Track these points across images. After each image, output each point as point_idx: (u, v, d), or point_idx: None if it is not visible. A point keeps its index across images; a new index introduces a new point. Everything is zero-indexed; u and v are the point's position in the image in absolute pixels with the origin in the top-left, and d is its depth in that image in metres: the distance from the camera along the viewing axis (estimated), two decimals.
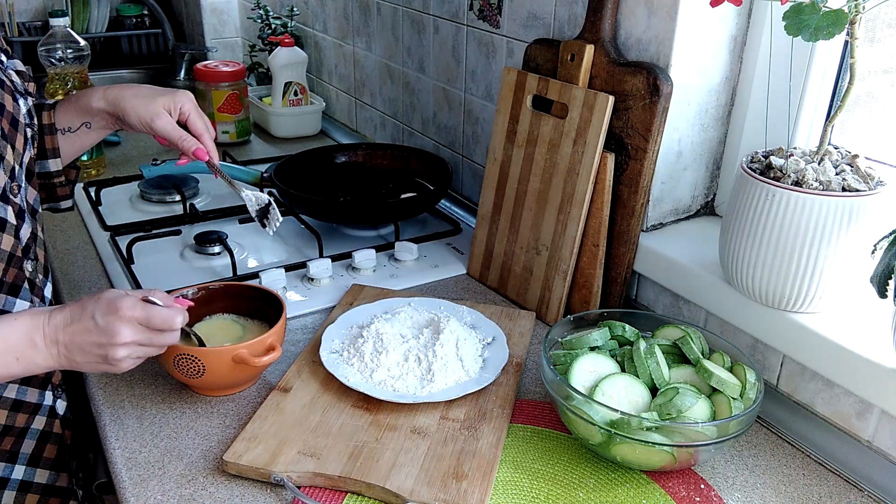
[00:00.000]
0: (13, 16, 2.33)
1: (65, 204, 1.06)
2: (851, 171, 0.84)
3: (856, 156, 0.86)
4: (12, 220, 0.86)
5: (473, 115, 1.44)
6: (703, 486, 0.82)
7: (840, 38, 0.83)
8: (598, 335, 0.91)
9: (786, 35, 0.78)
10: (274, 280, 1.15)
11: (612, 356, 0.90)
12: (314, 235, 1.28)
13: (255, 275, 1.18)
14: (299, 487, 0.81)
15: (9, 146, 0.86)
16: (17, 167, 0.88)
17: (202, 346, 0.92)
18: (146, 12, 2.57)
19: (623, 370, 0.88)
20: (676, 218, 1.11)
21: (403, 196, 1.45)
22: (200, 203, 1.50)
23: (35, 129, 0.95)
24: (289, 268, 1.21)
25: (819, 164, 0.85)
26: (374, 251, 1.25)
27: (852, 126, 0.97)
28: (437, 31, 1.49)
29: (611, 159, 1.03)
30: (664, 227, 1.10)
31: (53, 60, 1.57)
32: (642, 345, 0.87)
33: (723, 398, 0.83)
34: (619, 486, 0.82)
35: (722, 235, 0.92)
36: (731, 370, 0.87)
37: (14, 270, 0.87)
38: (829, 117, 0.88)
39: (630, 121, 1.01)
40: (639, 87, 0.99)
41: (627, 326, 0.94)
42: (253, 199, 1.02)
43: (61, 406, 0.97)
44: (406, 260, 1.27)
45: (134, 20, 2.56)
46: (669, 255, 1.02)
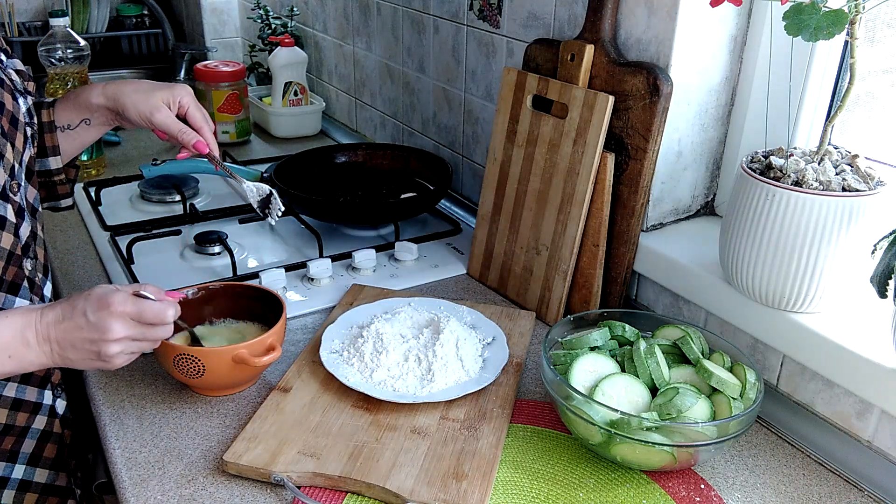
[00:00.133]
0: (13, 16, 2.33)
1: (65, 202, 1.06)
2: (851, 171, 0.84)
3: (856, 156, 0.86)
4: (12, 218, 0.86)
5: (473, 115, 1.44)
6: (703, 486, 0.82)
7: (840, 38, 0.83)
8: (598, 335, 0.91)
9: (786, 35, 0.78)
10: (274, 280, 1.15)
11: (612, 356, 0.90)
12: (314, 235, 1.28)
13: (255, 275, 1.18)
14: (299, 487, 0.81)
15: (9, 144, 0.86)
16: (16, 165, 0.88)
17: (199, 346, 0.92)
18: (146, 12, 2.57)
19: (623, 370, 0.88)
20: (676, 218, 1.11)
21: (403, 196, 1.45)
22: (200, 203, 1.50)
23: (35, 127, 0.95)
24: (289, 268, 1.21)
25: (819, 164, 0.85)
26: (374, 251, 1.25)
27: (852, 126, 0.97)
28: (437, 31, 1.49)
29: (611, 159, 1.03)
30: (664, 227, 1.10)
31: (53, 60, 1.57)
32: (642, 345, 0.87)
33: (723, 398, 0.83)
34: (619, 486, 0.82)
35: (722, 235, 0.92)
36: (731, 370, 0.87)
37: (14, 269, 0.87)
38: (829, 117, 0.88)
39: (630, 121, 1.01)
40: (639, 87, 0.99)
41: (627, 326, 0.94)
42: (254, 189, 1.02)
43: (61, 405, 0.97)
44: (406, 260, 1.27)
45: (134, 20, 2.56)
46: (669, 255, 1.02)
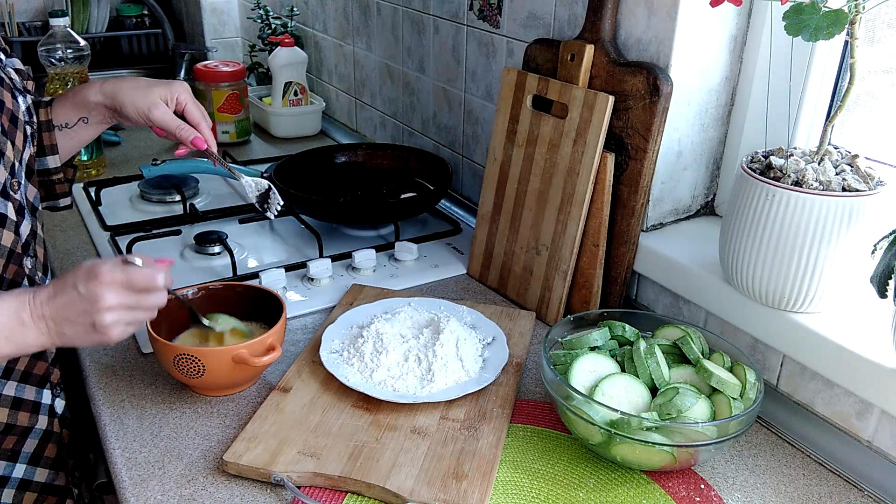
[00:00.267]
0: (13, 16, 2.33)
1: (63, 202, 1.06)
2: (851, 171, 0.84)
3: (856, 156, 0.86)
4: (12, 216, 0.86)
5: (473, 115, 1.44)
6: (703, 486, 0.82)
7: (840, 38, 0.83)
8: (598, 335, 0.91)
9: (786, 35, 0.78)
10: (274, 280, 1.15)
11: (612, 356, 0.90)
12: (314, 235, 1.28)
13: (255, 275, 1.18)
14: (299, 487, 0.81)
15: (9, 142, 0.86)
16: (16, 164, 0.88)
17: (205, 326, 0.94)
18: (146, 12, 2.57)
19: (623, 370, 0.88)
20: (676, 218, 1.11)
21: (403, 196, 1.45)
22: (200, 203, 1.50)
23: (34, 126, 0.95)
24: (289, 268, 1.21)
25: (819, 164, 0.85)
26: (374, 251, 1.25)
27: (852, 126, 0.97)
28: (437, 31, 1.49)
29: (611, 159, 1.03)
30: (664, 227, 1.10)
31: (53, 60, 1.57)
32: (642, 345, 0.87)
33: (723, 398, 0.83)
34: (619, 486, 0.82)
35: (722, 235, 0.92)
36: (731, 370, 0.87)
37: (14, 267, 0.87)
38: (829, 117, 0.88)
39: (630, 121, 1.01)
40: (639, 87, 0.99)
41: (627, 326, 0.94)
42: (253, 185, 1.03)
43: (60, 405, 0.97)
44: (406, 260, 1.27)
45: (134, 20, 2.56)
46: (669, 255, 1.02)
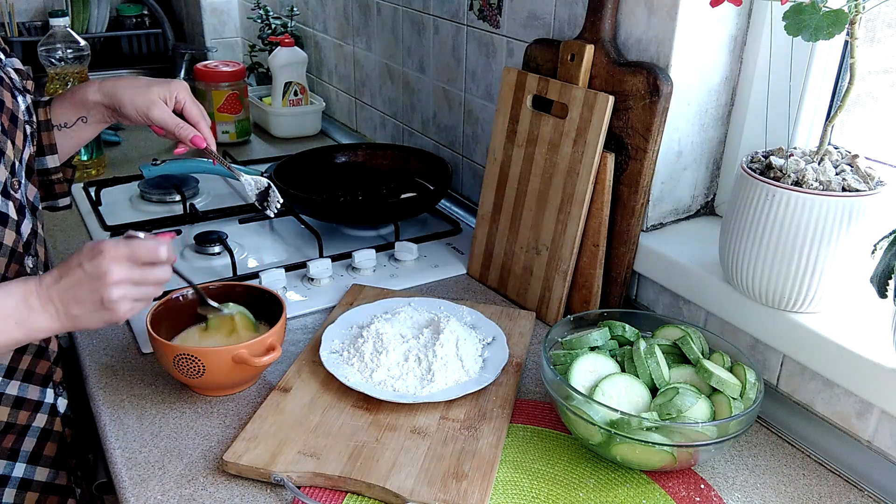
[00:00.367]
0: (13, 16, 2.33)
1: (62, 202, 1.06)
2: (851, 171, 0.84)
3: (856, 156, 0.86)
4: (14, 215, 0.86)
5: (473, 115, 1.44)
6: (703, 486, 0.82)
7: (840, 38, 0.83)
8: (598, 335, 0.91)
9: (786, 35, 0.78)
10: (274, 280, 1.15)
11: (612, 356, 0.90)
12: (314, 235, 1.28)
13: (255, 275, 1.18)
14: (299, 487, 0.81)
15: (9, 141, 0.86)
16: (16, 163, 0.88)
17: (214, 308, 0.96)
18: (146, 12, 2.57)
19: (623, 370, 0.88)
20: (676, 218, 1.11)
21: (403, 196, 1.45)
22: (200, 203, 1.50)
23: (34, 126, 0.95)
24: (289, 268, 1.21)
25: (819, 164, 0.85)
26: (374, 251, 1.25)
27: (852, 126, 0.97)
28: (437, 31, 1.49)
29: (611, 159, 1.03)
30: (664, 227, 1.10)
31: (53, 60, 1.57)
32: (642, 345, 0.87)
33: (723, 398, 0.83)
34: (619, 486, 0.82)
35: (722, 235, 0.92)
36: (731, 370, 0.87)
37: (15, 266, 0.87)
38: (829, 117, 0.88)
39: (630, 121, 1.01)
40: (639, 87, 0.99)
41: (627, 326, 0.94)
42: (252, 183, 1.03)
43: (62, 404, 0.97)
44: (406, 260, 1.27)
45: (134, 20, 2.56)
46: (669, 255, 1.02)
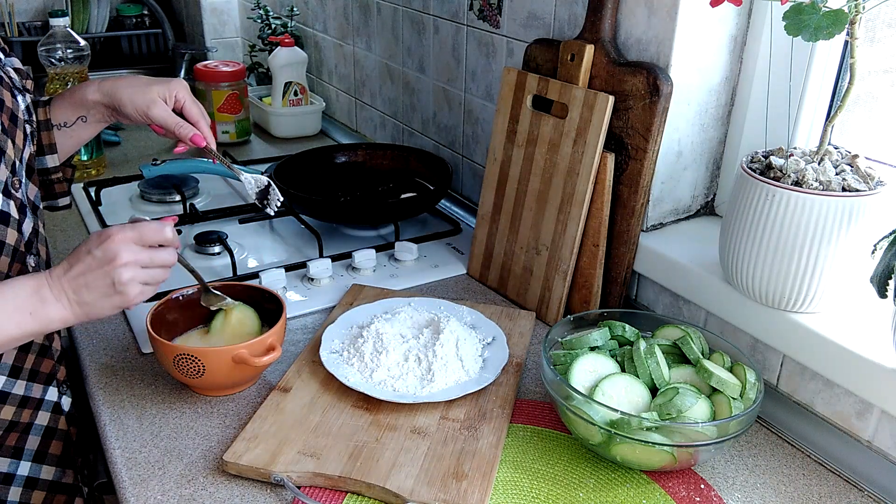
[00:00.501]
0: (13, 16, 2.33)
1: (62, 201, 1.06)
2: (851, 171, 0.84)
3: (856, 156, 0.86)
4: (15, 214, 0.87)
5: (473, 115, 1.44)
6: (703, 486, 0.82)
7: (840, 38, 0.83)
8: (598, 335, 0.91)
9: (786, 35, 0.78)
10: (274, 280, 1.15)
11: (612, 356, 0.90)
12: (314, 235, 1.28)
13: (255, 275, 1.18)
14: (299, 487, 0.81)
15: (9, 140, 0.86)
16: (17, 162, 0.88)
17: (217, 295, 0.96)
18: (146, 12, 2.57)
19: (623, 370, 0.88)
20: (676, 218, 1.11)
21: (403, 196, 1.45)
22: (200, 203, 1.50)
23: (34, 125, 0.95)
24: (289, 268, 1.21)
25: (819, 164, 0.85)
26: (374, 251, 1.25)
27: (852, 126, 0.97)
28: (437, 31, 1.49)
29: (611, 159, 1.03)
30: (664, 227, 1.10)
31: (53, 60, 1.57)
32: (642, 345, 0.87)
33: (723, 398, 0.83)
34: (619, 486, 0.82)
35: (722, 235, 0.92)
36: (731, 370, 0.87)
37: (18, 265, 0.87)
38: (829, 117, 0.88)
39: (630, 121, 1.01)
40: (639, 87, 0.99)
41: (627, 326, 0.94)
42: (252, 181, 1.03)
43: (66, 402, 0.97)
44: (406, 260, 1.27)
45: (134, 20, 2.56)
46: (669, 255, 1.02)
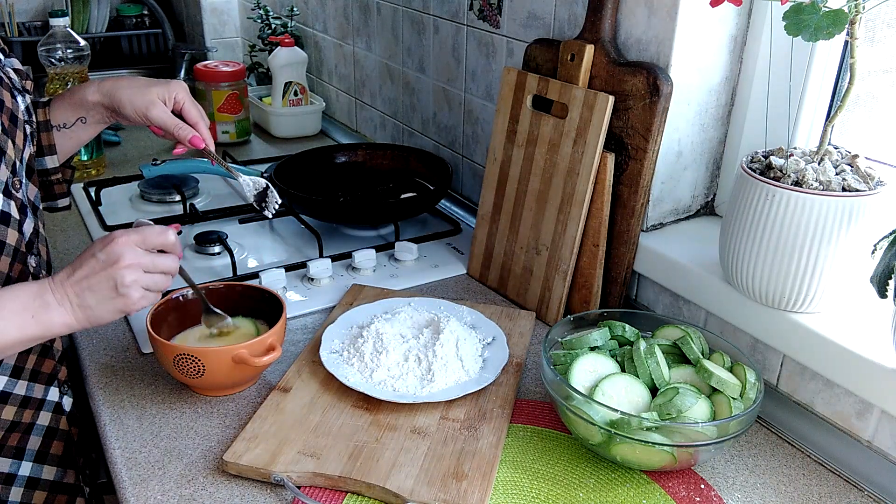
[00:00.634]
0: (13, 16, 2.33)
1: (62, 203, 1.06)
2: (851, 171, 0.84)
3: (856, 156, 0.86)
4: (16, 214, 0.87)
5: (473, 115, 1.44)
6: (703, 486, 0.82)
7: (840, 38, 0.83)
8: (598, 335, 0.91)
9: (786, 35, 0.78)
10: (274, 280, 1.15)
11: (612, 356, 0.90)
12: (314, 235, 1.28)
13: (255, 275, 1.18)
14: (299, 487, 0.81)
15: (10, 141, 0.86)
16: (17, 162, 0.88)
17: (217, 314, 0.96)
18: (146, 12, 2.57)
19: (623, 370, 0.88)
20: (676, 218, 1.11)
21: (403, 196, 1.45)
22: (200, 203, 1.50)
23: (34, 126, 0.95)
24: (289, 268, 1.21)
25: (819, 164, 0.85)
26: (374, 251, 1.25)
27: (852, 126, 0.97)
28: (437, 31, 1.49)
29: (611, 159, 1.03)
30: (664, 227, 1.10)
31: (53, 60, 1.57)
32: (642, 345, 0.87)
33: (723, 398, 0.83)
34: (619, 486, 0.82)
35: (722, 235, 0.92)
36: (731, 370, 0.87)
37: (19, 265, 0.87)
38: (829, 117, 0.88)
39: (630, 121, 1.01)
40: (639, 87, 0.99)
41: (627, 326, 0.94)
42: (250, 183, 1.03)
43: (67, 403, 0.97)
44: (406, 260, 1.27)
45: (134, 20, 2.56)
46: (669, 255, 1.02)
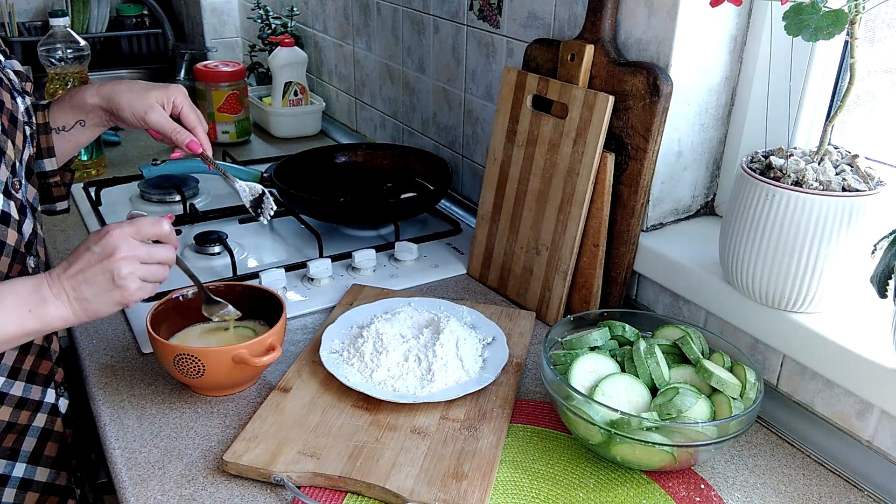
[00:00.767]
0: (13, 16, 2.33)
1: (60, 205, 1.06)
2: (851, 171, 0.84)
3: (856, 156, 0.86)
4: (15, 215, 0.87)
5: (473, 115, 1.44)
6: (703, 486, 0.82)
7: (840, 38, 0.83)
8: (598, 335, 0.91)
9: (786, 35, 0.78)
10: (274, 280, 1.15)
11: (612, 356, 0.90)
12: (314, 235, 1.28)
13: (255, 275, 1.18)
14: (299, 487, 0.81)
15: (9, 141, 0.86)
16: (17, 163, 0.88)
17: (217, 301, 0.96)
18: (146, 12, 2.57)
19: (623, 370, 0.88)
20: (676, 218, 1.11)
21: (403, 196, 1.45)
22: (200, 203, 1.50)
23: (34, 127, 0.95)
24: (289, 268, 1.21)
25: (819, 164, 0.85)
26: (374, 251, 1.25)
27: (852, 126, 0.97)
28: (437, 31, 1.49)
29: (611, 159, 1.03)
30: (664, 227, 1.10)
31: (53, 60, 1.57)
32: (642, 345, 0.87)
33: (723, 398, 0.83)
34: (619, 486, 0.82)
35: (722, 235, 0.92)
36: (731, 370, 0.87)
37: (18, 266, 0.87)
38: (829, 117, 0.88)
39: (630, 121, 1.01)
40: (639, 87, 0.99)
41: (627, 326, 0.94)
42: (247, 189, 1.03)
43: (63, 404, 0.97)
44: (406, 260, 1.27)
45: (134, 20, 2.56)
46: (669, 255, 1.02)
